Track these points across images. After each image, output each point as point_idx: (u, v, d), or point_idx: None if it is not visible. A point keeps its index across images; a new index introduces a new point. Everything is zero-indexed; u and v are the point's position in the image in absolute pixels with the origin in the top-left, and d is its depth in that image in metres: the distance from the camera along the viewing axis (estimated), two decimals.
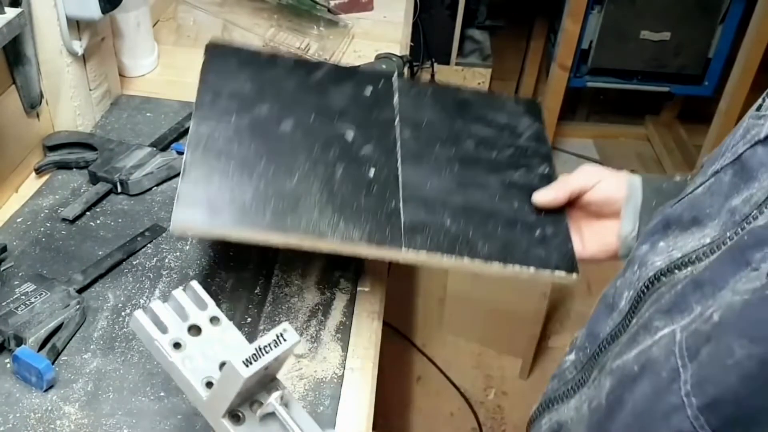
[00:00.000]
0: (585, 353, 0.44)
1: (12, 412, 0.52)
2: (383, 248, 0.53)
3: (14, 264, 0.64)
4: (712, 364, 0.29)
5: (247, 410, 0.40)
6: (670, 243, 0.40)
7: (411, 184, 0.58)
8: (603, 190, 0.58)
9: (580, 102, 2.25)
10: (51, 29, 0.73)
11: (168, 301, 0.42)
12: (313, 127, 0.60)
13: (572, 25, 1.69)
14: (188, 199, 0.52)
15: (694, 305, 0.33)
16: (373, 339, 0.61)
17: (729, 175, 0.39)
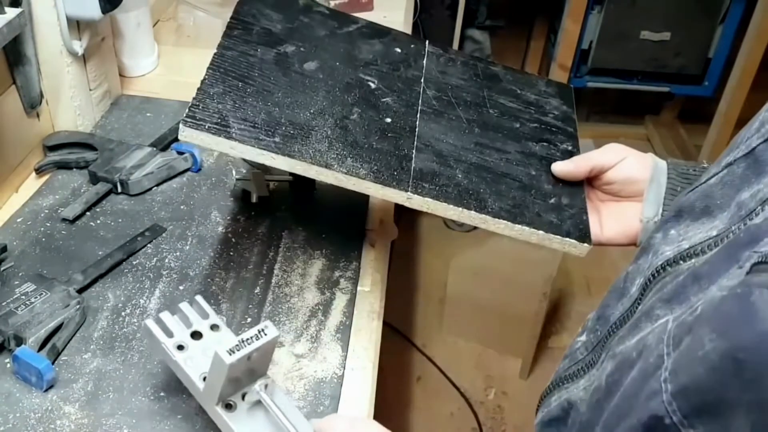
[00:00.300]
0: (596, 335, 0.45)
1: (12, 412, 0.52)
2: (388, 188, 0.53)
3: (14, 264, 0.64)
4: (687, 354, 0.30)
5: (239, 400, 0.46)
6: (681, 232, 0.41)
7: (427, 136, 0.58)
8: (626, 169, 0.57)
9: (580, 102, 2.25)
10: (51, 29, 0.73)
11: (175, 313, 0.50)
12: (336, 71, 0.60)
13: (572, 25, 1.69)
14: (200, 109, 0.52)
15: (691, 297, 0.34)
16: (373, 339, 0.61)
17: (741, 167, 0.39)
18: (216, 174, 0.79)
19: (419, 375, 1.54)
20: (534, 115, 0.65)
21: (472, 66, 0.68)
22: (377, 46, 0.65)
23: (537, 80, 0.70)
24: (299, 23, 0.64)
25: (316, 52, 0.61)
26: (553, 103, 0.67)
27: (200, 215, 0.72)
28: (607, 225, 0.59)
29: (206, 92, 0.54)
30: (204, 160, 0.81)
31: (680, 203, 0.43)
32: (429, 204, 0.54)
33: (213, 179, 0.78)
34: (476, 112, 0.63)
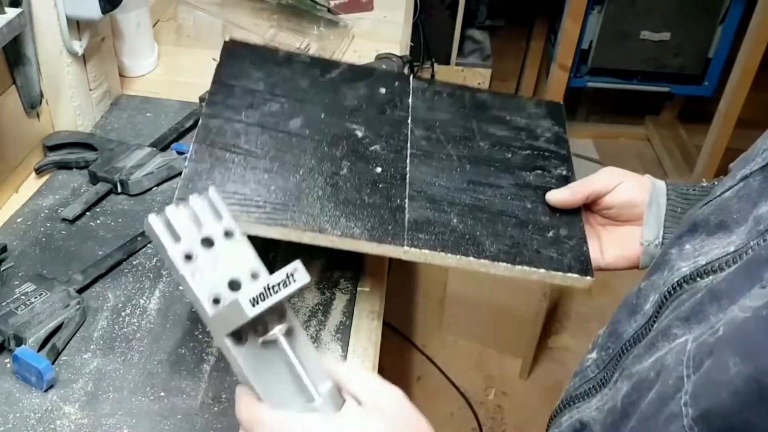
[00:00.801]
0: (608, 353, 0.44)
1: (12, 412, 0.52)
2: (384, 245, 0.53)
3: (14, 264, 0.64)
4: (709, 377, 0.29)
5: (250, 332, 0.39)
6: (697, 246, 0.40)
7: (418, 182, 0.57)
8: (624, 193, 0.56)
9: (580, 102, 2.25)
10: (51, 29, 0.73)
11: (183, 206, 0.40)
12: (322, 125, 0.60)
13: (572, 25, 1.69)
14: (189, 189, 0.52)
15: (711, 316, 0.33)
16: (373, 339, 0.60)
17: (758, 181, 0.38)
18: None
19: (419, 375, 1.54)
20: (525, 141, 0.64)
21: (458, 96, 0.67)
22: (361, 90, 0.64)
23: (526, 102, 0.69)
24: (281, 77, 0.62)
25: (301, 106, 0.60)
26: (544, 124, 0.66)
27: None
28: (608, 250, 0.58)
29: (194, 169, 0.53)
30: None
31: (694, 217, 0.42)
32: (426, 255, 0.53)
33: None
34: (466, 147, 0.62)
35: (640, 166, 2.19)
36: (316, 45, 1.02)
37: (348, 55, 1.05)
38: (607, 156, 2.20)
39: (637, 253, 0.56)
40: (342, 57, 1.04)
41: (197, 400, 0.54)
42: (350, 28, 1.09)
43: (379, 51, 1.00)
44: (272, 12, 1.06)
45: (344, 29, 1.08)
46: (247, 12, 1.06)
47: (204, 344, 0.58)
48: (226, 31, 1.04)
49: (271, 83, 0.61)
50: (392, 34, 1.13)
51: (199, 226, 0.40)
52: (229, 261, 0.40)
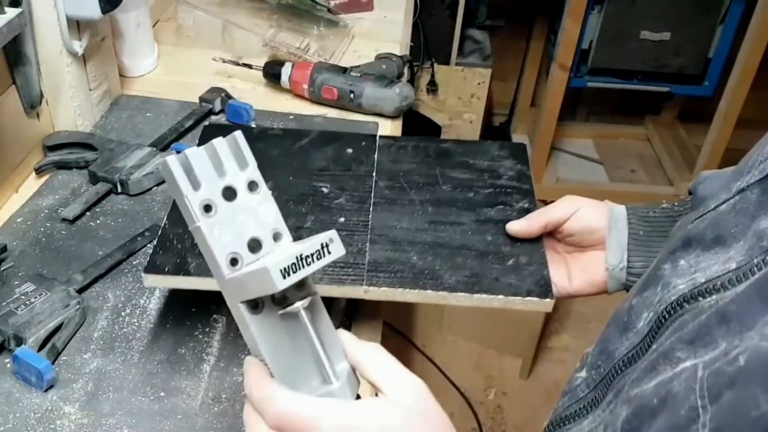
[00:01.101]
0: (598, 372, 0.43)
1: (12, 412, 0.52)
2: (345, 286, 0.55)
3: (14, 264, 0.64)
4: (735, 412, 0.27)
5: (267, 299, 0.36)
6: (692, 263, 0.38)
7: (380, 227, 0.60)
8: (582, 219, 0.57)
9: (580, 102, 2.25)
10: (51, 29, 0.73)
11: (205, 149, 0.36)
12: (290, 185, 0.63)
13: (572, 25, 1.69)
14: (160, 254, 0.55)
15: (719, 340, 0.31)
16: (373, 339, 0.60)
17: (756, 194, 0.37)
18: None
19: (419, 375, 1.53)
20: (488, 181, 0.66)
21: (423, 148, 0.70)
22: (329, 153, 0.68)
23: (489, 146, 0.71)
24: (254, 150, 0.65)
25: (271, 172, 0.63)
26: (507, 164, 0.68)
27: None
28: (575, 276, 0.59)
29: (166, 236, 0.57)
30: None
31: (687, 231, 0.41)
32: (387, 292, 0.55)
33: None
34: (429, 192, 0.64)
35: (640, 166, 2.19)
36: (315, 45, 1.02)
37: (348, 55, 1.05)
38: (607, 156, 2.20)
39: (604, 278, 0.57)
40: (342, 57, 1.04)
41: (197, 400, 0.54)
42: (350, 28, 1.09)
43: (379, 51, 1.00)
44: (272, 12, 1.06)
45: (344, 29, 1.08)
46: (247, 12, 1.06)
47: (204, 344, 0.58)
48: (226, 31, 1.04)
49: None
50: (392, 34, 1.13)
51: (221, 174, 0.36)
52: (251, 217, 0.36)
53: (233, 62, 0.95)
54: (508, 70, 2.16)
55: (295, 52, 0.99)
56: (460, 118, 1.90)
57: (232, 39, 1.04)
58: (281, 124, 0.87)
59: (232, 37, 1.04)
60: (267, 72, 0.94)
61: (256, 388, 0.35)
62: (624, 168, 2.17)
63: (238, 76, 0.97)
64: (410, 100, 0.90)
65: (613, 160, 2.17)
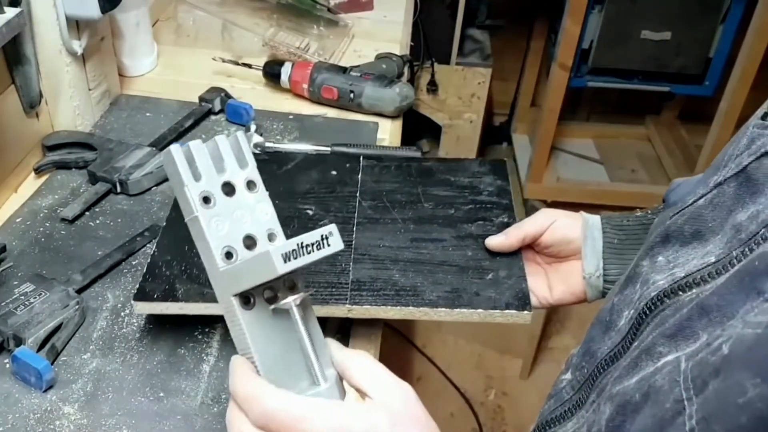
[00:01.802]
0: (582, 373, 0.43)
1: (11, 412, 0.52)
2: (329, 306, 0.55)
3: (13, 264, 0.64)
4: (721, 400, 0.27)
5: (258, 295, 0.36)
6: (670, 258, 0.39)
7: (363, 246, 0.61)
8: (558, 230, 0.59)
9: (580, 102, 2.25)
10: (50, 29, 0.73)
11: (208, 144, 0.37)
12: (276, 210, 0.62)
13: (573, 24, 1.69)
14: (149, 282, 0.56)
15: (700, 332, 0.31)
16: (373, 339, 0.60)
17: (733, 187, 0.37)
18: None
19: (419, 375, 1.54)
20: (468, 197, 0.67)
21: (405, 168, 0.71)
22: (314, 175, 0.69)
23: (470, 163, 0.73)
24: None
25: None
26: (487, 180, 0.70)
27: None
28: (555, 286, 0.61)
29: (155, 263, 0.58)
30: None
31: (665, 228, 0.41)
32: (370, 310, 0.56)
33: None
34: (411, 210, 0.65)
35: (640, 165, 2.18)
36: (315, 45, 1.02)
37: (348, 55, 1.05)
38: (607, 156, 2.20)
39: (582, 287, 0.59)
40: (342, 57, 1.04)
41: (197, 401, 0.53)
42: (350, 27, 1.09)
43: (379, 50, 1.00)
44: (272, 11, 1.06)
45: (344, 29, 1.08)
46: (247, 11, 1.06)
47: (203, 344, 0.58)
48: (225, 31, 1.04)
49: None
50: (392, 34, 1.13)
51: (221, 170, 0.37)
52: (248, 214, 0.37)
53: (233, 62, 0.95)
54: (509, 70, 2.16)
55: (295, 52, 0.99)
56: (461, 118, 1.90)
57: (231, 38, 1.04)
58: (281, 124, 0.87)
59: (231, 37, 1.04)
60: (267, 72, 0.94)
61: (242, 386, 0.35)
62: (624, 168, 2.17)
63: (237, 76, 0.97)
64: (410, 100, 0.90)
65: (613, 160, 2.17)
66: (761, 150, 0.36)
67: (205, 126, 0.87)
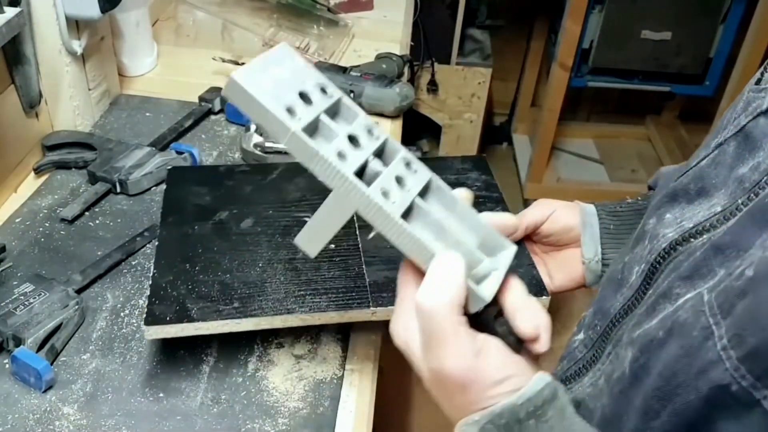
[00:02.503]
0: (595, 331, 0.44)
1: (11, 413, 0.52)
2: (351, 311, 0.55)
3: (13, 264, 0.64)
4: (752, 314, 0.30)
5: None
6: (677, 215, 0.41)
7: (371, 248, 0.60)
8: (558, 219, 0.60)
9: (580, 102, 2.25)
10: (50, 29, 0.73)
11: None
12: (272, 219, 0.63)
13: (573, 24, 1.69)
14: (157, 305, 0.54)
15: (716, 269, 0.34)
16: (373, 339, 0.60)
17: (732, 146, 0.40)
18: None
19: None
20: None
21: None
22: (301, 183, 0.68)
23: (452, 161, 0.73)
24: (225, 188, 0.66)
25: (249, 208, 0.64)
26: (473, 176, 0.70)
27: None
28: (555, 274, 0.62)
29: (158, 285, 0.55)
30: (203, 159, 0.80)
31: (672, 188, 0.44)
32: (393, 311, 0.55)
33: None
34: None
35: (641, 165, 2.18)
36: (315, 44, 1.02)
37: (348, 55, 1.05)
38: (608, 156, 2.19)
39: (581, 272, 0.60)
40: (342, 56, 1.04)
41: (196, 401, 0.53)
42: (350, 27, 1.09)
43: (379, 50, 1.00)
44: (272, 11, 1.06)
45: (344, 29, 1.08)
46: (247, 11, 1.06)
47: (203, 345, 0.58)
48: (225, 31, 1.04)
49: (216, 196, 0.65)
50: (392, 34, 1.13)
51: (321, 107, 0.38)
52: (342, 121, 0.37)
53: (233, 62, 0.95)
54: (509, 70, 2.16)
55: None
56: (461, 118, 1.90)
57: (231, 38, 1.04)
58: None
59: (231, 37, 1.03)
60: None
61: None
62: (625, 168, 2.16)
63: None
64: (410, 100, 0.90)
65: (613, 160, 2.17)
66: (757, 110, 0.39)
67: (204, 126, 0.87)
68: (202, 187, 0.66)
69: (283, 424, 0.52)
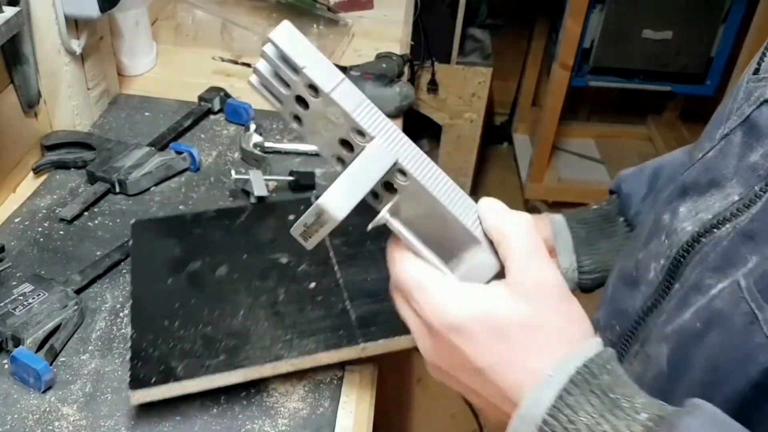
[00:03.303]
0: (614, 332, 0.44)
1: (10, 413, 0.52)
2: (342, 350, 0.54)
3: (12, 264, 0.64)
4: None
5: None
6: (691, 207, 0.41)
7: (352, 283, 0.60)
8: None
9: (581, 101, 2.25)
10: (49, 28, 0.73)
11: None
12: (247, 264, 0.62)
13: (574, 24, 1.68)
14: (140, 367, 0.52)
15: (748, 256, 0.34)
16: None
17: (738, 136, 0.40)
18: (215, 173, 0.78)
19: (420, 376, 1.53)
20: None
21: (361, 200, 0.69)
22: (272, 224, 0.67)
23: None
24: (194, 237, 0.65)
25: (222, 256, 0.62)
26: None
27: None
28: None
29: (139, 346, 0.54)
30: (203, 159, 0.80)
31: (681, 181, 0.43)
32: (383, 345, 0.55)
33: (212, 179, 0.78)
34: (382, 239, 0.64)
35: None
36: (315, 44, 1.02)
37: (348, 54, 1.05)
38: (608, 156, 2.19)
39: None
40: (342, 56, 1.04)
41: (196, 401, 0.53)
42: (350, 26, 1.08)
43: (379, 50, 1.00)
44: (271, 11, 1.06)
45: (344, 28, 1.08)
46: (246, 10, 1.06)
47: None
48: (225, 30, 1.04)
49: (186, 246, 0.64)
50: (392, 33, 1.12)
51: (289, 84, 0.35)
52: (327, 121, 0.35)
53: (232, 61, 0.95)
54: (509, 70, 2.15)
55: None
56: (461, 118, 1.90)
57: (231, 38, 1.03)
58: (280, 124, 0.87)
59: (231, 36, 1.03)
60: None
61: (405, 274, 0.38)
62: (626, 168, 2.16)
63: (237, 75, 0.96)
64: (411, 100, 0.90)
65: (614, 160, 2.17)
66: (760, 99, 0.39)
67: (204, 125, 0.87)
68: (169, 238, 0.64)
69: (282, 425, 0.52)
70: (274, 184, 0.76)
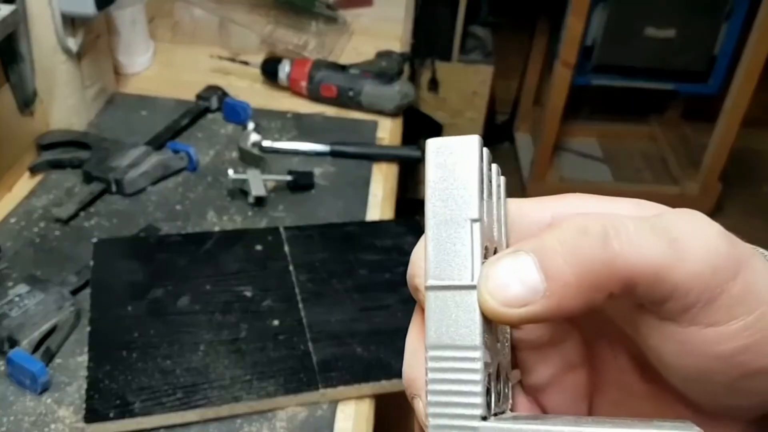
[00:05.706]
0: None
1: (6, 415, 0.51)
2: (301, 394, 0.53)
3: (8, 265, 0.63)
4: None
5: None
6: None
7: (316, 323, 0.59)
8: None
9: (583, 100, 2.24)
10: (45, 26, 0.72)
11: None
12: (210, 296, 0.60)
13: (576, 22, 1.68)
14: (96, 399, 0.51)
15: None
16: None
17: None
18: (212, 173, 0.78)
19: None
20: (398, 259, 0.66)
21: (329, 235, 0.69)
22: (239, 252, 0.65)
23: (387, 224, 0.72)
24: (158, 262, 0.63)
25: (185, 284, 0.61)
26: (409, 240, 0.68)
27: (196, 215, 0.71)
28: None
29: (96, 377, 0.53)
30: (200, 159, 0.80)
31: None
32: (342, 392, 0.54)
33: (209, 178, 0.77)
34: (349, 279, 0.64)
35: (645, 165, 2.17)
36: (314, 42, 1.01)
37: (347, 52, 1.04)
38: (611, 155, 2.18)
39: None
40: (341, 54, 1.03)
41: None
42: (349, 24, 1.08)
43: (379, 48, 0.99)
44: (270, 8, 1.05)
45: (343, 26, 1.07)
46: (245, 8, 1.05)
47: None
48: (222, 28, 1.03)
49: (149, 271, 0.62)
50: (392, 31, 1.12)
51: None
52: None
53: (230, 59, 0.94)
54: (511, 68, 2.14)
55: (293, 49, 0.98)
56: (462, 117, 1.89)
57: (229, 36, 1.03)
58: (279, 123, 0.86)
59: (229, 34, 1.02)
60: (264, 69, 0.93)
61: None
62: (628, 167, 2.15)
63: (235, 74, 0.96)
64: (410, 98, 0.89)
65: (617, 159, 2.16)
66: None
67: (201, 124, 0.86)
68: (132, 261, 0.62)
69: (281, 428, 0.51)
70: (272, 183, 0.75)
